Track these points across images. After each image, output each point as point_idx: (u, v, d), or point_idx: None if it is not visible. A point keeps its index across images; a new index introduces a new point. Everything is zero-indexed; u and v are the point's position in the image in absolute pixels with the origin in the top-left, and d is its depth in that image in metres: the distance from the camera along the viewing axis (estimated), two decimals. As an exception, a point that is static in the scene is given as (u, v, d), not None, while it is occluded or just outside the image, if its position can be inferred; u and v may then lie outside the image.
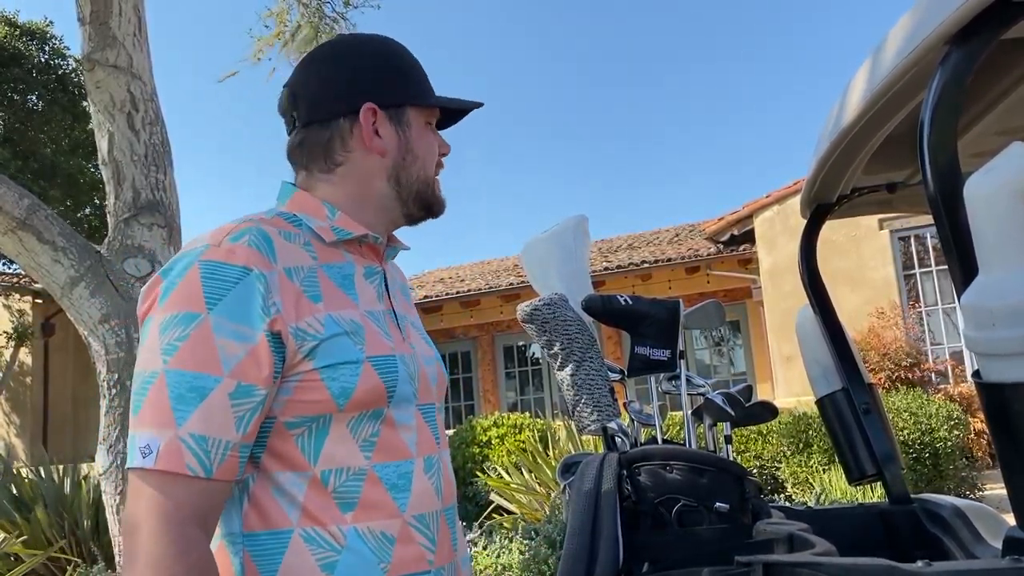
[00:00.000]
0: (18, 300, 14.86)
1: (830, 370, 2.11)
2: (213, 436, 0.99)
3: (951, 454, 7.50)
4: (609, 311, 1.91)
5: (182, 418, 0.98)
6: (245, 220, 1.11)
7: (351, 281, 1.17)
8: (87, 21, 4.73)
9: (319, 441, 1.08)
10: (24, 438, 14.73)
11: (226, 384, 1.00)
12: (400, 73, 1.26)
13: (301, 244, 1.14)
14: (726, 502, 1.67)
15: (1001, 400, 1.08)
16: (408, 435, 1.14)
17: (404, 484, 1.11)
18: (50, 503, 6.54)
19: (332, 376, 1.06)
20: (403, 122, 1.24)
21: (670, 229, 16.64)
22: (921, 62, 1.26)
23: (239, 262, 1.04)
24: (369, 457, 1.10)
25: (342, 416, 1.08)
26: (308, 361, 1.06)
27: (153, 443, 0.98)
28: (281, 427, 1.07)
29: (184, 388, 0.99)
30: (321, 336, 1.07)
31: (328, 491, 1.07)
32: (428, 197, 1.27)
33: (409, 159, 1.24)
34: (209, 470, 0.99)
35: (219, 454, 1.00)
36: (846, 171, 1.89)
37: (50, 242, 4.55)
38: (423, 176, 1.26)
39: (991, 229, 1.02)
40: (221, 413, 1.00)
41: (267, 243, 1.08)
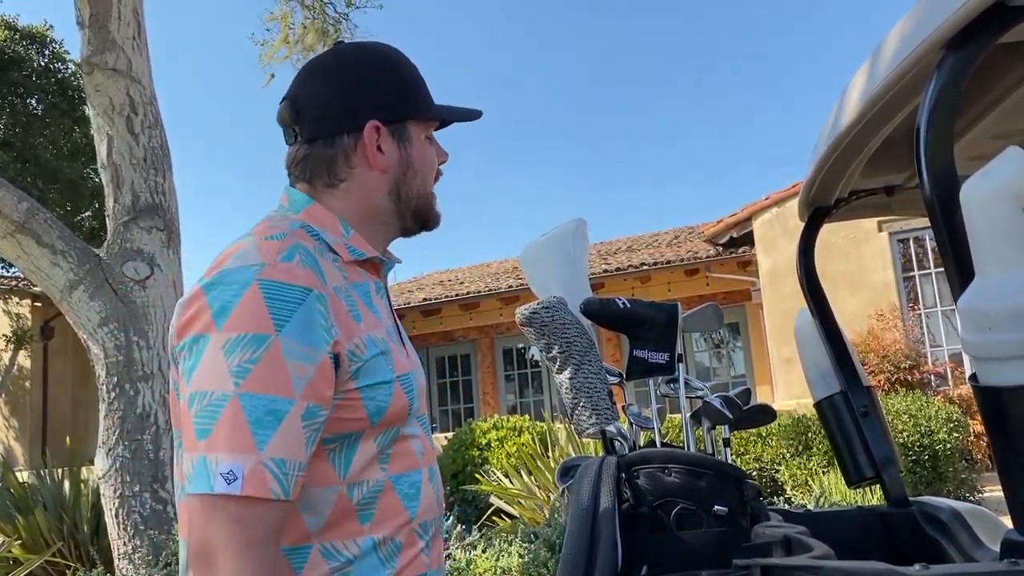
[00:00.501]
0: (17, 303, 14.86)
1: (828, 373, 2.11)
2: (290, 459, 1.00)
3: (950, 456, 7.50)
4: (607, 314, 1.91)
5: (263, 442, 0.98)
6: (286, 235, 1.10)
7: (371, 299, 1.19)
8: (86, 25, 4.74)
9: (349, 456, 1.09)
10: (23, 441, 14.73)
11: (298, 406, 1.00)
12: (402, 86, 1.26)
13: (331, 262, 1.14)
14: (725, 505, 1.67)
15: (998, 403, 1.08)
16: (416, 446, 1.19)
17: (415, 493, 1.16)
18: (49, 506, 6.54)
19: (370, 396, 1.09)
20: (405, 137, 1.24)
21: (669, 231, 16.65)
22: (918, 66, 1.26)
23: (300, 283, 1.04)
24: (385, 469, 1.13)
25: (372, 432, 1.10)
26: (352, 380, 1.07)
27: (237, 468, 0.97)
28: (317, 445, 1.06)
29: (261, 412, 0.98)
30: (365, 357, 1.09)
31: (352, 503, 1.09)
32: (426, 211, 1.28)
33: (410, 174, 1.25)
34: (288, 492, 1.00)
35: (295, 476, 1.00)
36: (844, 174, 1.90)
37: (49, 245, 4.55)
38: (422, 191, 1.26)
39: (987, 232, 1.03)
40: (295, 436, 1.00)
41: (315, 262, 1.08)
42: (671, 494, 1.67)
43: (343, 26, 9.40)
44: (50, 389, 14.93)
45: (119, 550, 4.81)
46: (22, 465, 13.68)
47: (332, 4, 9.35)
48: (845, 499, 6.50)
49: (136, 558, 4.66)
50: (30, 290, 14.07)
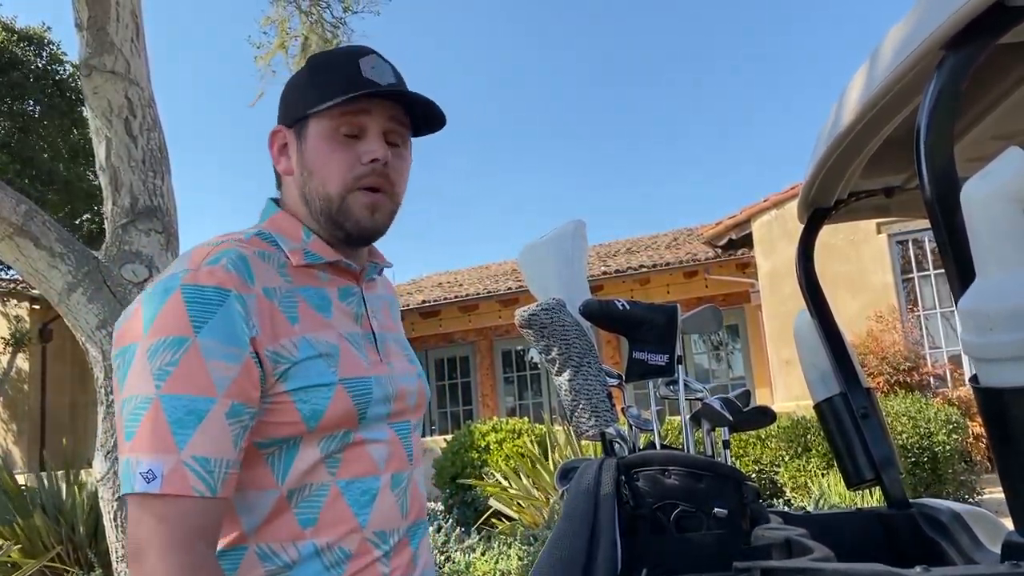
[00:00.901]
0: (15, 306, 14.85)
1: (828, 375, 2.11)
2: (215, 457, 1.00)
3: (950, 458, 7.50)
4: (607, 316, 1.91)
5: (183, 441, 0.99)
6: (222, 242, 1.11)
7: (328, 303, 1.16)
8: (85, 27, 4.74)
9: (288, 461, 1.08)
10: (22, 444, 14.71)
11: (221, 404, 1.01)
12: (308, 84, 1.19)
13: (276, 266, 1.14)
14: (724, 507, 1.67)
15: (999, 404, 1.08)
16: (377, 452, 1.14)
17: (367, 500, 1.12)
18: (48, 509, 6.53)
19: (303, 399, 1.07)
20: (303, 137, 1.18)
21: (668, 233, 16.65)
22: (918, 67, 1.26)
23: (219, 284, 1.04)
24: (334, 473, 1.10)
25: (312, 437, 1.08)
26: (281, 383, 1.06)
27: (156, 468, 0.98)
28: (252, 448, 1.07)
29: (182, 412, 0.99)
30: (295, 359, 1.07)
31: (291, 508, 1.08)
32: (334, 216, 1.17)
33: (305, 176, 1.18)
34: (214, 489, 1.00)
35: (221, 473, 1.01)
36: (843, 175, 1.89)
37: (47, 248, 4.55)
38: (322, 192, 1.17)
39: (988, 233, 1.02)
40: (220, 433, 1.01)
41: (244, 265, 1.08)
42: (671, 496, 1.67)
43: (340, 31, 9.40)
44: (48, 392, 14.92)
45: (118, 553, 4.80)
46: (20, 468, 13.67)
47: (330, 9, 9.36)
48: (844, 501, 6.50)
49: (134, 561, 4.65)
50: (28, 292, 14.06)
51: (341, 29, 9.39)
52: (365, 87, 1.14)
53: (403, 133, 1.22)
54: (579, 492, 1.65)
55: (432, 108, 1.20)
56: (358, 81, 1.15)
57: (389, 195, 1.19)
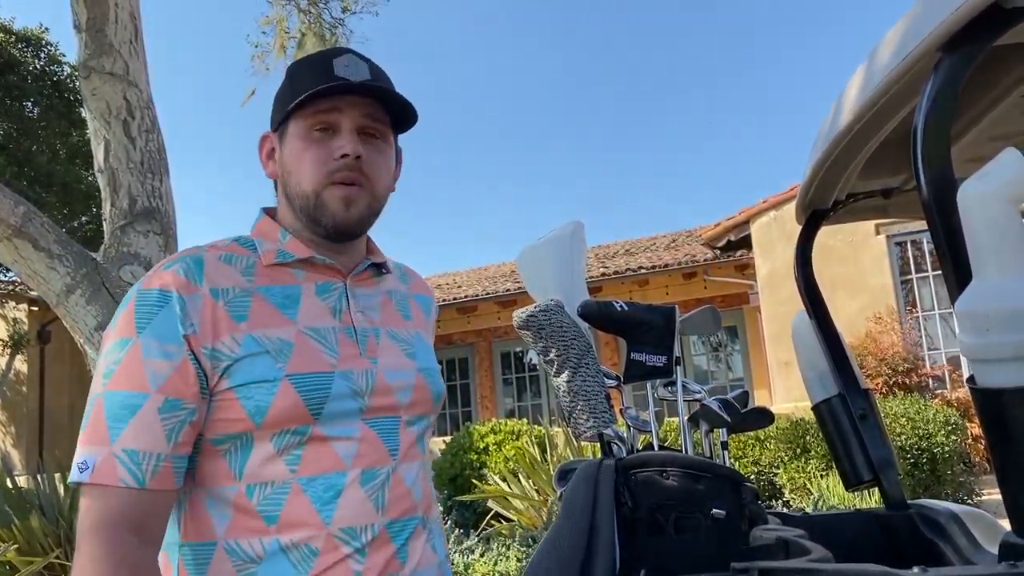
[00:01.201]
0: (14, 308, 14.83)
1: (826, 376, 2.11)
2: (144, 450, 1.05)
3: (949, 459, 7.50)
4: (605, 317, 1.91)
5: (115, 434, 1.05)
6: (190, 249, 1.18)
7: (294, 300, 1.18)
8: (83, 28, 4.73)
9: (244, 457, 1.11)
10: (20, 446, 14.70)
11: (154, 400, 1.06)
12: (287, 88, 1.22)
13: (242, 267, 1.17)
14: (723, 508, 1.67)
15: (996, 405, 1.08)
16: (345, 448, 1.13)
17: (331, 496, 1.11)
18: (46, 511, 6.52)
19: (247, 395, 1.09)
20: (284, 138, 1.22)
21: (667, 235, 16.65)
22: (915, 68, 1.26)
23: (163, 286, 1.10)
24: (295, 471, 1.11)
25: (263, 433, 1.10)
26: (225, 380, 1.09)
27: (90, 459, 1.05)
28: (208, 444, 1.11)
29: (117, 407, 1.06)
30: (236, 355, 1.10)
31: (253, 504, 1.10)
32: (312, 213, 1.19)
33: (286, 176, 1.22)
34: (142, 481, 1.04)
35: (151, 466, 1.05)
36: (841, 177, 1.90)
37: (45, 249, 4.55)
38: (299, 191, 1.19)
39: (985, 234, 1.03)
40: (151, 428, 1.05)
41: (197, 266, 1.13)
42: (669, 497, 1.67)
43: (339, 31, 9.40)
44: (47, 394, 14.91)
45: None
46: (19, 470, 13.66)
47: (328, 9, 9.36)
48: (843, 502, 6.50)
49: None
50: (27, 294, 14.05)
51: (340, 29, 9.39)
52: (335, 83, 1.16)
53: (381, 129, 1.23)
54: (577, 493, 1.65)
55: (403, 103, 1.21)
56: (327, 80, 1.16)
57: (366, 189, 1.20)
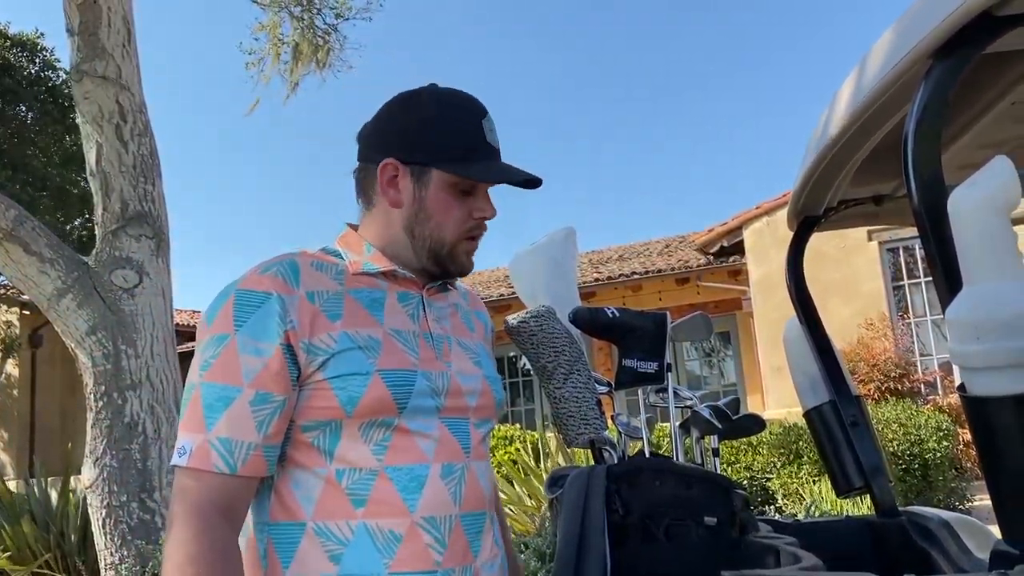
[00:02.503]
0: (5, 311, 14.78)
1: (818, 382, 2.11)
2: (236, 439, 1.14)
3: (940, 465, 7.52)
4: (596, 323, 1.91)
5: (211, 424, 1.14)
6: (285, 255, 1.26)
7: (380, 304, 1.28)
8: (76, 32, 4.72)
9: (333, 443, 1.19)
10: (11, 451, 14.63)
11: (247, 393, 1.15)
12: (438, 133, 1.29)
13: (332, 274, 1.28)
14: (714, 515, 1.66)
15: (986, 413, 1.08)
16: (425, 443, 1.22)
17: (415, 486, 1.19)
18: (37, 516, 6.48)
19: (341, 386, 1.17)
20: (423, 181, 1.29)
21: (660, 240, 16.68)
22: (905, 76, 1.26)
23: (263, 288, 1.19)
24: (382, 459, 1.19)
25: (352, 422, 1.18)
26: (320, 372, 1.18)
27: (187, 445, 1.14)
28: (298, 430, 1.20)
29: (213, 398, 1.15)
30: (333, 350, 1.18)
31: (342, 488, 1.18)
32: (441, 257, 1.32)
33: (422, 216, 1.30)
34: (233, 468, 1.14)
35: (242, 454, 1.14)
36: (833, 183, 1.90)
37: (37, 253, 4.53)
38: (437, 236, 1.30)
39: (975, 242, 1.03)
40: (243, 418, 1.15)
41: (293, 271, 1.23)
42: (660, 504, 1.67)
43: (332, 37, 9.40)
44: (38, 398, 14.85)
45: (106, 561, 4.77)
46: (9, 474, 13.59)
47: (322, 15, 9.36)
48: (835, 508, 6.50)
49: (123, 569, 4.62)
50: (18, 298, 14.00)
51: (332, 36, 9.39)
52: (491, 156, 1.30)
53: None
54: (569, 501, 1.65)
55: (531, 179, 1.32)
56: (485, 149, 1.29)
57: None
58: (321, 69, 9.48)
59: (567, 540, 1.56)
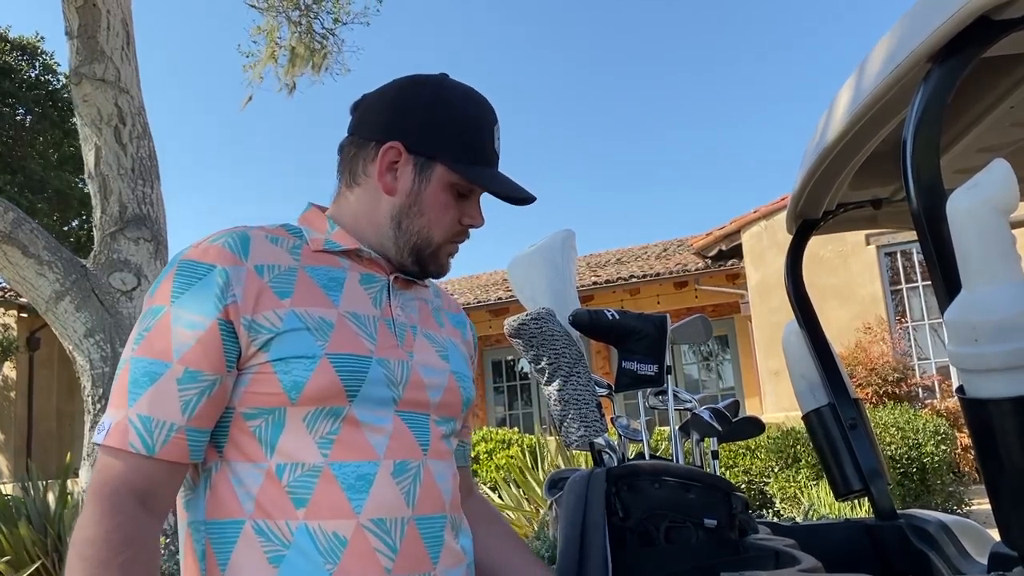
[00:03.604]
0: (3, 314, 14.75)
1: (816, 385, 2.11)
2: (158, 418, 1.06)
3: (938, 469, 7.52)
4: (596, 326, 1.91)
5: (133, 400, 1.06)
6: (237, 227, 1.18)
7: (339, 284, 1.19)
8: (75, 35, 4.72)
9: (275, 434, 1.10)
10: (8, 453, 14.59)
11: (175, 369, 1.07)
12: (450, 128, 1.22)
13: (288, 248, 1.19)
14: (714, 518, 1.66)
15: (984, 416, 1.08)
16: (376, 437, 1.13)
17: (362, 486, 1.10)
18: (34, 519, 6.47)
19: (284, 369, 1.09)
20: (425, 175, 1.22)
21: (658, 244, 16.68)
22: (903, 80, 1.27)
23: (208, 260, 1.11)
24: (326, 455, 1.10)
25: (296, 410, 1.10)
26: (263, 353, 1.10)
27: (107, 421, 1.07)
28: (239, 418, 1.11)
29: (139, 373, 1.07)
30: (277, 329, 1.10)
31: (282, 485, 1.09)
32: (424, 256, 1.25)
33: (415, 211, 1.23)
34: (151, 449, 1.06)
35: (163, 435, 1.06)
36: (831, 187, 1.90)
37: (35, 256, 4.52)
38: (425, 234, 1.23)
39: (974, 245, 1.03)
40: (168, 396, 1.06)
41: (243, 242, 1.14)
42: (660, 507, 1.67)
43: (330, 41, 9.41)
44: (35, 400, 14.81)
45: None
46: (6, 477, 13.55)
47: (320, 20, 9.37)
48: (833, 512, 6.51)
49: (121, 572, 4.61)
50: (16, 301, 13.97)
51: (330, 40, 9.40)
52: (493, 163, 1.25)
53: None
54: (569, 504, 1.65)
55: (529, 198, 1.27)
56: (492, 155, 1.25)
57: None
58: (318, 72, 9.48)
59: (569, 543, 1.56)
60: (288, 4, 9.22)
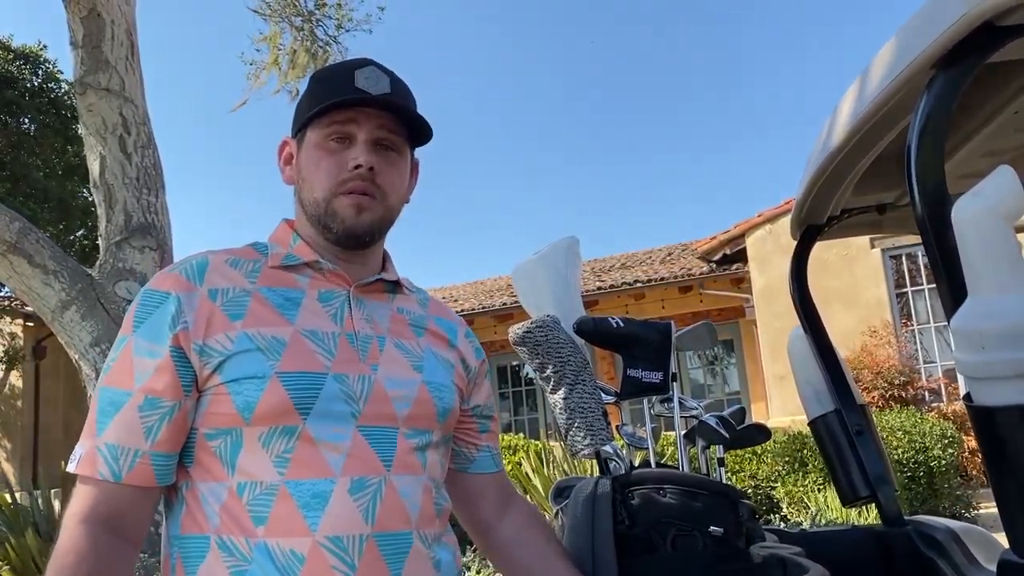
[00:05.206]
0: (9, 323, 14.79)
1: (822, 391, 2.11)
2: (123, 445, 1.10)
3: (945, 473, 7.49)
4: (601, 333, 1.90)
5: (101, 429, 1.12)
6: (205, 251, 1.22)
7: (295, 303, 1.20)
8: (80, 45, 4.74)
9: (234, 453, 1.12)
10: (14, 462, 14.62)
11: (136, 397, 1.11)
12: (308, 95, 1.25)
13: (247, 271, 1.21)
14: (720, 526, 1.66)
15: (992, 423, 1.08)
16: (332, 454, 1.12)
17: (317, 504, 1.09)
18: (40, 528, 6.48)
19: (237, 390, 1.11)
20: (301, 147, 1.26)
21: (663, 248, 16.68)
22: (907, 86, 1.26)
23: (163, 288, 1.16)
24: (283, 473, 1.11)
25: (252, 430, 1.11)
26: (216, 375, 1.12)
27: (79, 451, 1.13)
28: (202, 438, 1.14)
29: (105, 402, 1.12)
30: (228, 352, 1.12)
31: (243, 503, 1.11)
32: (322, 217, 1.23)
33: (300, 183, 1.26)
34: (118, 475, 1.10)
35: (128, 462, 1.10)
36: (835, 192, 1.90)
37: (41, 265, 4.53)
38: (312, 197, 1.23)
39: (979, 252, 1.03)
40: (131, 424, 1.11)
41: (200, 269, 1.18)
42: (666, 515, 1.66)
43: (332, 48, 9.44)
44: (41, 410, 14.84)
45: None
46: (13, 486, 13.57)
47: (323, 26, 9.40)
48: (841, 517, 6.48)
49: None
50: (22, 310, 14.01)
51: (333, 47, 9.43)
52: (354, 96, 1.19)
53: (396, 141, 1.25)
54: (576, 513, 1.64)
55: (418, 120, 1.24)
56: (347, 91, 1.19)
57: (378, 199, 1.23)
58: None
59: (578, 554, 1.55)
60: (291, 11, 9.25)
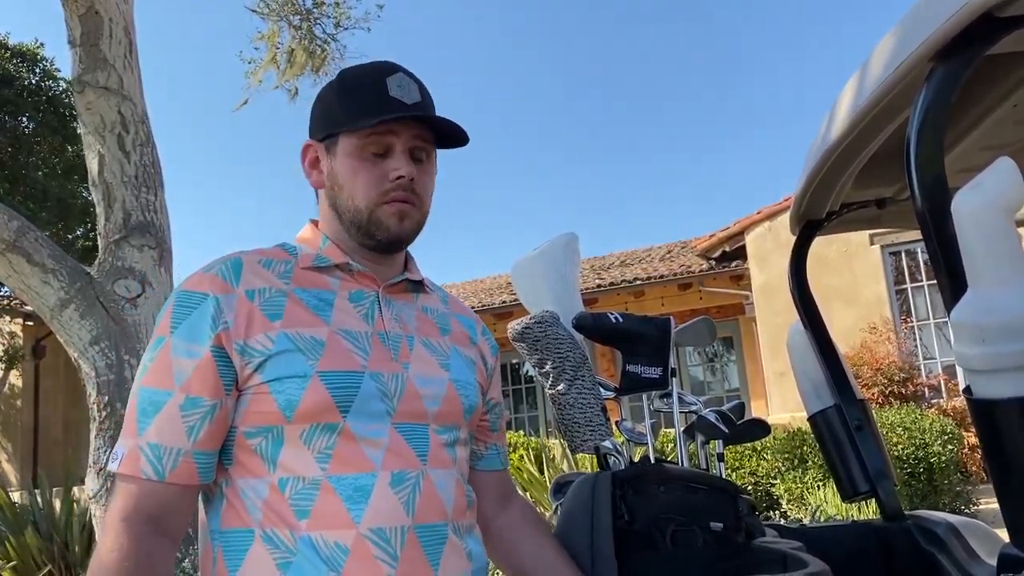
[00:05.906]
0: (8, 322, 14.78)
1: (822, 387, 2.11)
2: (166, 444, 1.12)
3: (945, 469, 7.50)
4: (600, 329, 1.90)
5: (143, 428, 1.13)
6: (233, 253, 1.24)
7: (328, 304, 1.23)
8: (78, 43, 4.74)
9: (275, 450, 1.15)
10: (14, 461, 14.62)
11: (177, 397, 1.13)
12: (340, 102, 1.26)
13: (280, 271, 1.24)
14: (720, 521, 1.66)
15: (992, 416, 1.07)
16: (373, 450, 1.16)
17: (360, 497, 1.13)
18: (41, 527, 6.49)
19: (279, 389, 1.14)
20: (333, 153, 1.27)
21: (662, 246, 16.67)
22: (906, 79, 1.26)
23: (202, 289, 1.18)
24: (325, 468, 1.14)
25: (293, 428, 1.14)
26: (257, 375, 1.15)
27: (120, 450, 1.14)
28: (241, 436, 1.17)
29: (146, 403, 1.14)
30: (269, 352, 1.15)
31: (285, 498, 1.14)
32: (364, 225, 1.25)
33: (336, 189, 1.27)
34: (162, 475, 1.12)
35: (171, 460, 1.12)
36: (835, 187, 1.90)
37: (40, 264, 4.53)
38: (351, 205, 1.25)
39: (979, 245, 1.02)
40: (173, 423, 1.13)
41: (236, 269, 1.20)
42: (666, 510, 1.66)
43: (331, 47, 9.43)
44: (41, 408, 14.85)
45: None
46: (13, 485, 13.58)
47: (321, 24, 9.39)
48: (841, 513, 6.49)
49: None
50: (21, 309, 14.01)
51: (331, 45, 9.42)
52: (392, 108, 1.21)
53: (427, 149, 1.29)
54: (576, 508, 1.64)
55: (455, 128, 1.27)
56: (385, 101, 1.21)
57: (416, 206, 1.27)
58: (317, 75, 9.49)
59: (578, 549, 1.55)
60: (289, 9, 9.24)
